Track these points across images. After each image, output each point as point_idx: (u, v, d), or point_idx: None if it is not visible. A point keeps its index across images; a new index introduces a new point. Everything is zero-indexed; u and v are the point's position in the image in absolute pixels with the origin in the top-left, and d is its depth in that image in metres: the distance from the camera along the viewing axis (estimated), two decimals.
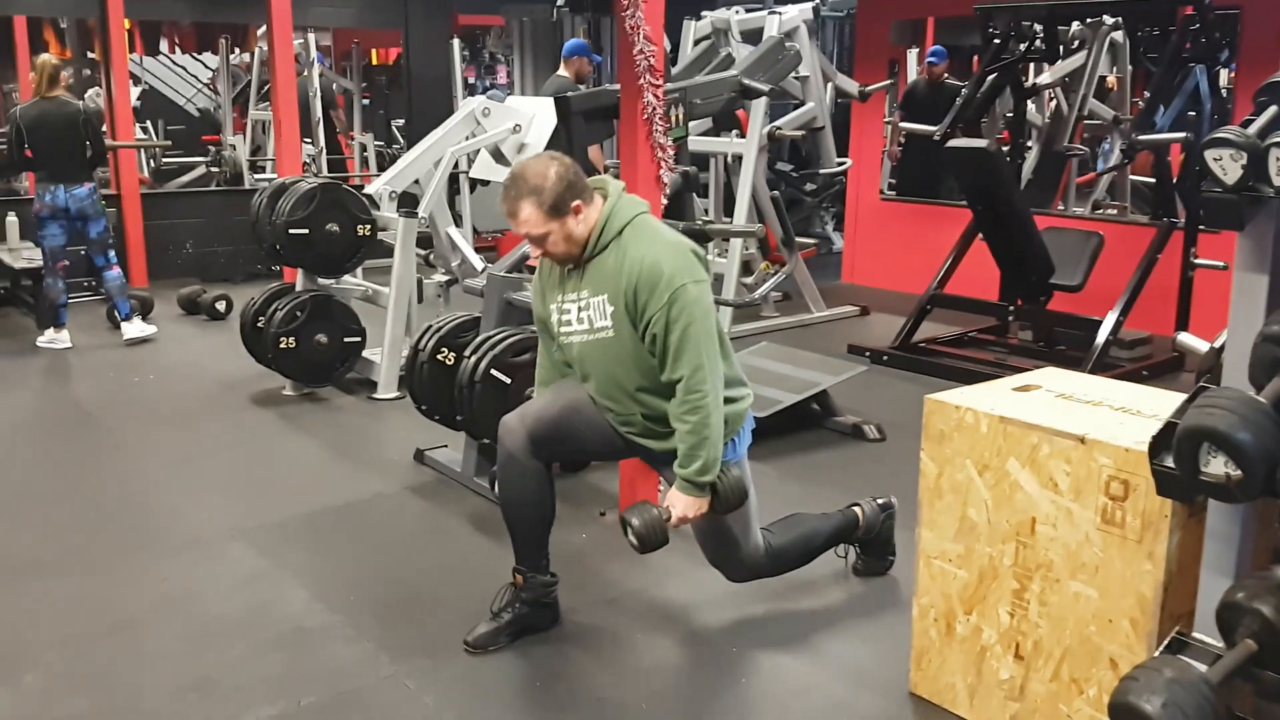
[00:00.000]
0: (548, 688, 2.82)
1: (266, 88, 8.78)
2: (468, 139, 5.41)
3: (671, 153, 3.62)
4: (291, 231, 5.03)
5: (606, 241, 2.71)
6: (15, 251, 6.93)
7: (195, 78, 11.73)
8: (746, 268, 7.01)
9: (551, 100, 5.10)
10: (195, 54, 11.62)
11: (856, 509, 3.30)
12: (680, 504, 2.72)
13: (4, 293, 7.33)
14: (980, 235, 5.88)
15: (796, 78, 6.72)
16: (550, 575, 3.00)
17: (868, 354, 5.96)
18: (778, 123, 6.84)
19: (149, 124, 10.92)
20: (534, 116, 5.37)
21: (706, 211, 6.92)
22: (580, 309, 2.76)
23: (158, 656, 2.92)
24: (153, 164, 10.37)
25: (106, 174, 8.08)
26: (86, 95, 9.26)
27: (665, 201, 3.68)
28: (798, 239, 7.05)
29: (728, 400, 2.76)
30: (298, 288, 5.35)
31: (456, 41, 8.58)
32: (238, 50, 10.67)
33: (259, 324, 5.24)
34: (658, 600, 3.27)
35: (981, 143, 5.49)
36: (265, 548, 3.59)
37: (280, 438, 4.81)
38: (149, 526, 3.81)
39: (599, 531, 3.74)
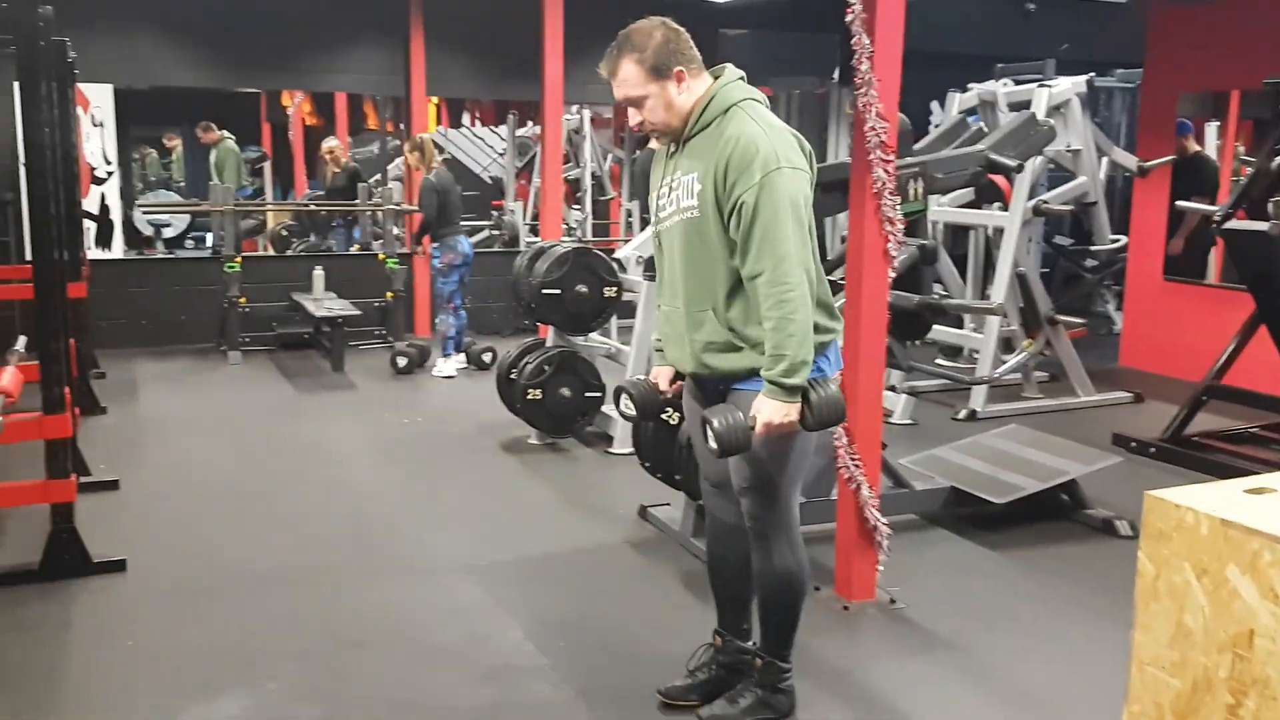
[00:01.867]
0: None
1: None
2: None
3: (902, 227, 3.60)
4: (545, 291, 5.38)
5: (710, 119, 2.54)
6: (319, 301, 7.78)
7: (491, 148, 12.74)
8: (1007, 344, 6.75)
9: None
10: (493, 127, 12.62)
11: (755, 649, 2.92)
12: (766, 409, 2.46)
13: (307, 337, 8.25)
14: (1264, 324, 5.37)
15: (1068, 150, 6.45)
16: (753, 646, 2.90)
17: (1133, 445, 5.57)
18: (1045, 196, 6.58)
19: None
20: None
21: (953, 285, 6.72)
22: (672, 189, 2.60)
23: (379, 675, 3.18)
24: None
25: (402, 234, 8.93)
26: (389, 166, 10.31)
27: (895, 274, 3.65)
28: (1066, 318, 6.69)
29: (816, 328, 2.52)
30: (548, 343, 5.70)
31: None
32: (530, 123, 11.51)
33: (512, 375, 5.62)
34: (861, 684, 3.19)
35: (1263, 226, 5.03)
36: (491, 585, 3.83)
37: (520, 482, 5.11)
38: (391, 553, 4.16)
39: (811, 607, 3.69)
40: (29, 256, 7.54)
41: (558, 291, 5.39)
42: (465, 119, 12.21)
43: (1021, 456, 4.73)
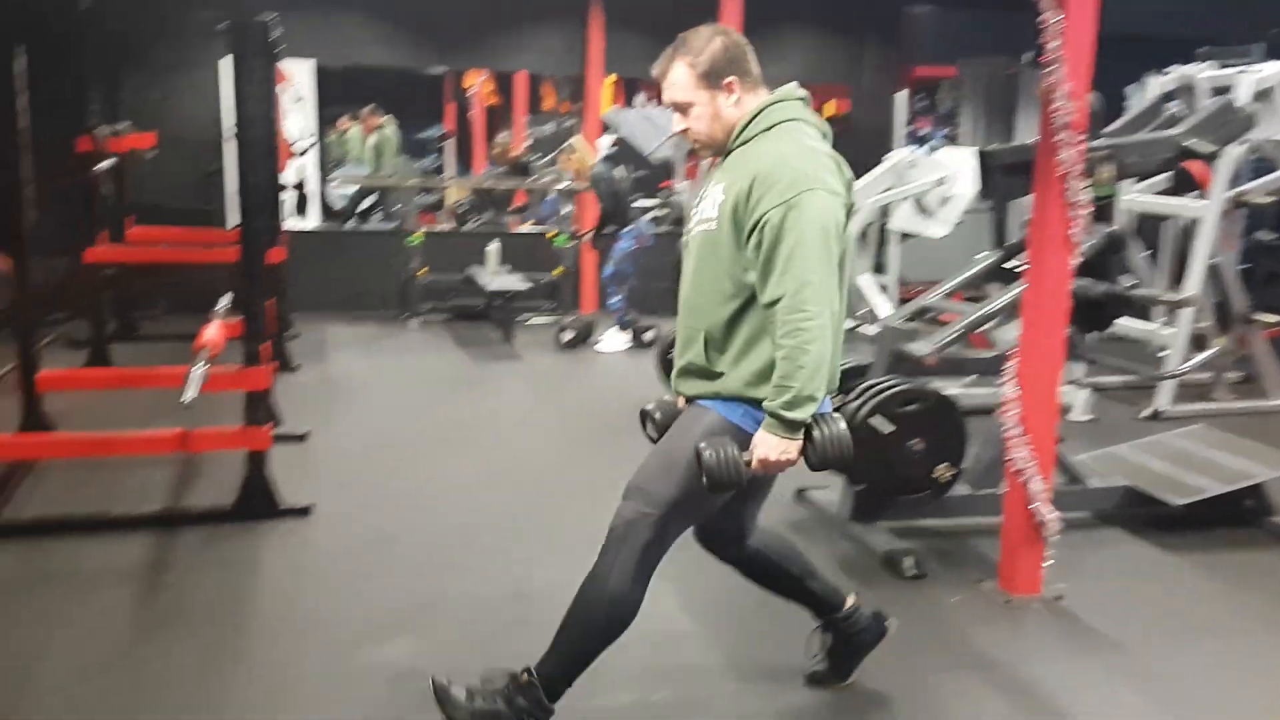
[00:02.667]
0: None
1: None
2: (889, 190, 5.47)
3: (1089, 212, 3.44)
4: None
5: (752, 134, 2.40)
6: (494, 275, 8.05)
7: (664, 129, 12.80)
8: (1200, 342, 6.36)
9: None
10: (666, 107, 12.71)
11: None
12: (764, 444, 2.31)
13: (480, 309, 8.55)
14: None
15: (1271, 141, 6.01)
16: (842, 602, 2.89)
17: None
18: (1247, 186, 6.15)
19: (619, 170, 12.11)
20: (961, 169, 5.32)
21: (1143, 276, 6.37)
22: (702, 199, 2.47)
23: (543, 633, 3.28)
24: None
25: (571, 213, 9.12)
26: (564, 145, 10.51)
27: (1080, 261, 3.51)
28: (1264, 317, 6.25)
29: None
30: None
31: (903, 94, 8.66)
32: None
33: (669, 354, 5.65)
34: (1019, 678, 3.11)
35: None
36: None
37: None
38: (553, 519, 4.29)
39: (973, 598, 3.63)
40: (231, 223, 8.17)
41: None
42: (639, 99, 12.30)
43: (1206, 458, 4.48)
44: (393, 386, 6.48)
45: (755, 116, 2.41)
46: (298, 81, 8.87)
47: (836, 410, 2.43)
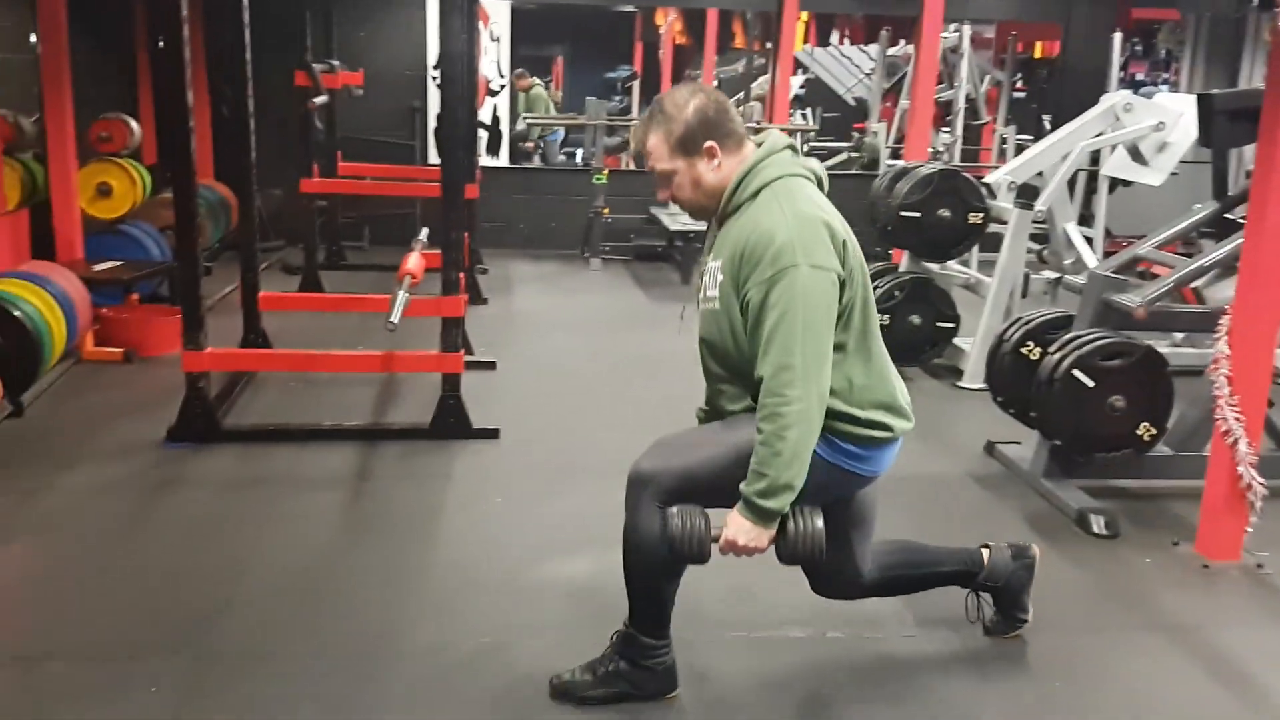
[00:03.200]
0: (1064, 680, 2.73)
1: None
2: (1102, 135, 5.17)
3: None
4: (903, 214, 5.24)
5: (740, 201, 2.29)
6: (674, 215, 8.06)
7: (859, 68, 12.47)
8: None
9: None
10: (862, 45, 12.32)
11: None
12: (733, 526, 2.23)
13: (661, 250, 8.61)
14: None
15: None
16: (980, 561, 2.81)
17: None
18: None
19: (808, 110, 11.89)
20: (1182, 115, 4.96)
21: None
22: (705, 275, 2.37)
23: (726, 566, 3.35)
24: (805, 147, 11.30)
25: None
26: (753, 85, 10.38)
27: None
28: None
29: (866, 423, 2.30)
30: (901, 269, 5.57)
31: (1118, 35, 8.10)
32: (902, 42, 11.14)
33: None
34: (1211, 644, 2.96)
35: None
36: None
37: None
38: None
39: (1167, 561, 3.47)
40: (430, 160, 8.50)
41: (917, 214, 5.23)
42: (834, 37, 12.00)
43: None
44: (574, 322, 6.64)
45: (741, 181, 2.29)
46: (496, 20, 9.07)
47: (1039, 360, 2.30)
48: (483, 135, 8.80)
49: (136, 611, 2.91)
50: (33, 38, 5.67)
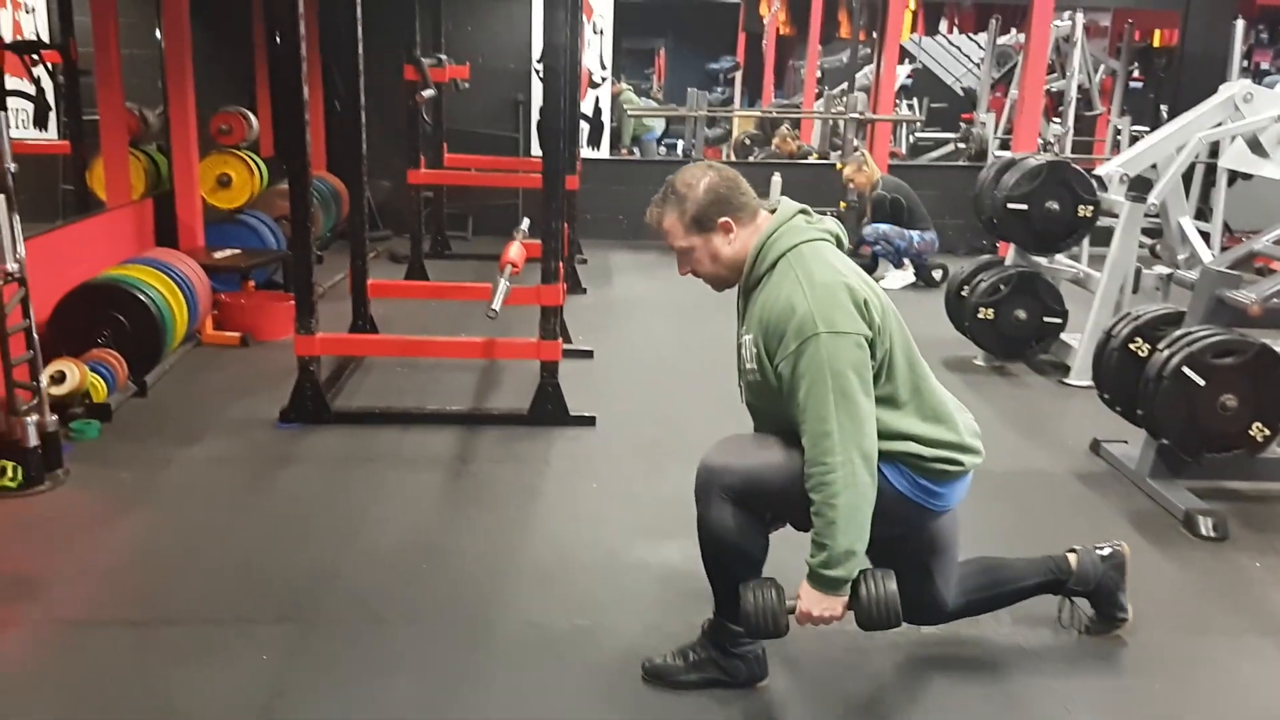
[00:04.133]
0: (1164, 680, 2.66)
1: None
2: (1220, 125, 4.98)
3: None
4: (1010, 206, 5.13)
5: (760, 273, 2.35)
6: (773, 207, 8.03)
7: (968, 57, 12.21)
8: None
9: None
10: (971, 34, 12.06)
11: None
12: (806, 599, 2.25)
13: None
14: None
15: None
16: (1069, 569, 2.78)
17: None
18: None
19: (915, 101, 11.70)
20: None
21: None
22: (743, 346, 2.43)
23: (797, 546, 3.34)
24: (911, 138, 11.13)
25: (862, 144, 8.91)
26: (857, 75, 10.24)
27: None
28: None
29: (934, 459, 2.32)
30: (1007, 262, 5.46)
31: (1240, 23, 7.77)
32: (1013, 30, 10.88)
33: (963, 292, 5.46)
34: None
35: None
36: None
37: (961, 400, 4.91)
38: None
39: (1278, 563, 3.34)
40: (532, 152, 8.63)
41: (1025, 207, 5.12)
42: (942, 26, 11.77)
43: None
44: (672, 312, 6.67)
45: (758, 254, 2.35)
46: (599, 13, 9.15)
47: (1147, 357, 2.23)
48: (584, 127, 8.90)
49: (248, 580, 3.05)
50: (157, 34, 5.94)
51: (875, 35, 9.32)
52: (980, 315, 5.28)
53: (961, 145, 9.92)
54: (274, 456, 4.00)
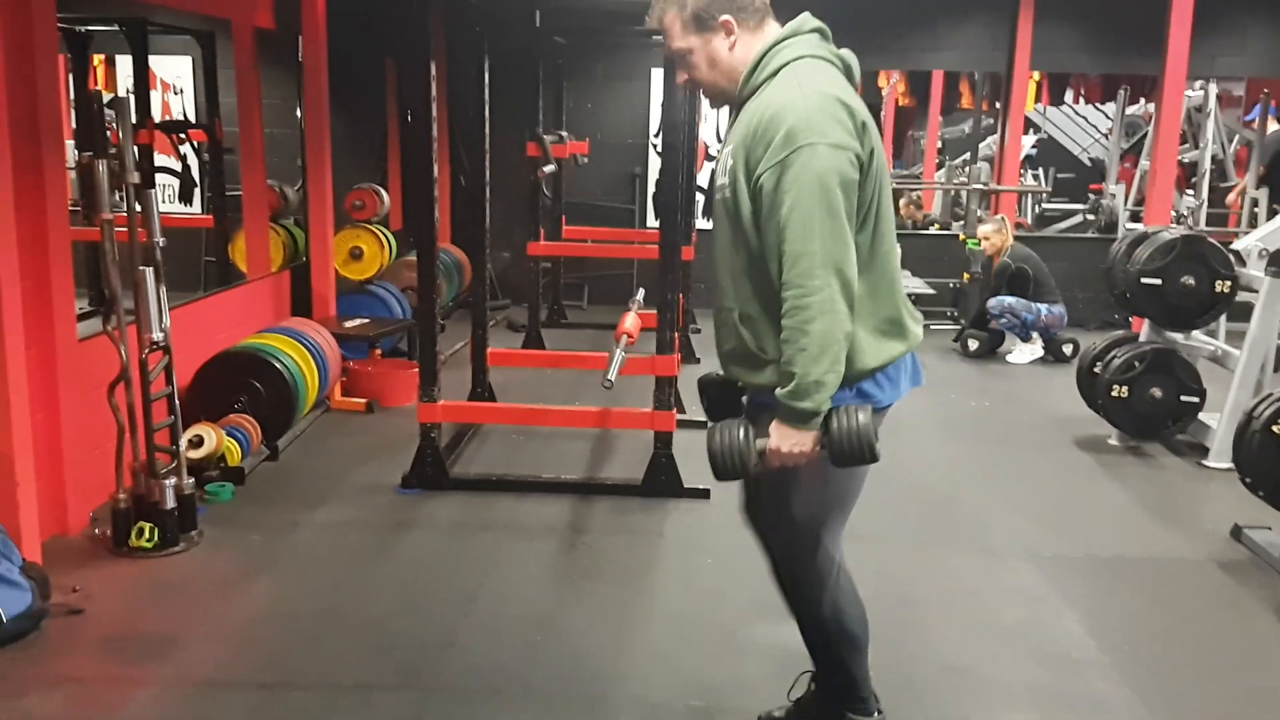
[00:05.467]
0: None
1: None
2: None
3: None
4: (1143, 280, 4.97)
5: (759, 80, 2.12)
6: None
7: (1095, 127, 11.94)
8: None
9: None
10: (1098, 104, 11.81)
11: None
12: (775, 434, 2.06)
13: None
14: None
15: None
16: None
17: None
18: None
19: (1040, 171, 11.48)
20: None
21: None
22: (719, 161, 2.20)
23: (933, 637, 3.24)
24: (1037, 209, 10.91)
25: (985, 214, 8.76)
26: (980, 145, 10.12)
27: None
28: None
29: (866, 349, 2.10)
30: (1141, 338, 5.26)
31: None
32: (1141, 100, 10.62)
33: (1095, 369, 5.28)
34: None
35: None
36: (1052, 575, 3.69)
37: (1093, 481, 4.81)
38: (949, 527, 4.18)
39: None
40: (647, 224, 8.75)
41: (1158, 281, 4.94)
42: (1068, 96, 11.56)
43: None
44: None
45: (760, 60, 2.13)
46: None
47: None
48: (699, 199, 8.99)
49: (369, 645, 3.10)
50: (297, 114, 6.27)
51: (999, 105, 9.22)
52: (1114, 393, 5.08)
53: (1090, 217, 9.68)
54: (395, 522, 4.09)
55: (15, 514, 3.41)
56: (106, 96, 6.91)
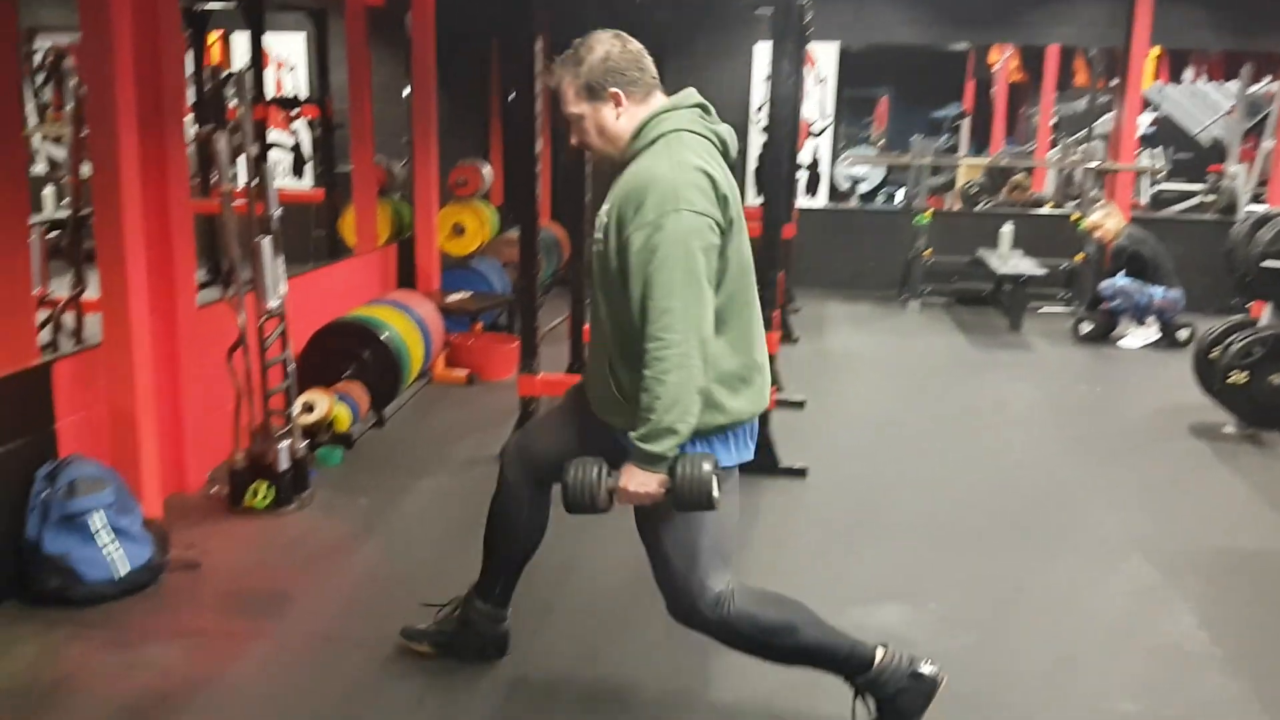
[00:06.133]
0: None
1: None
2: None
3: None
4: (1265, 264, 4.75)
5: (640, 148, 2.27)
6: (1004, 258, 7.74)
7: (1216, 106, 11.42)
8: None
9: None
10: (1220, 82, 11.31)
11: (879, 650, 2.46)
12: (625, 474, 2.21)
13: (986, 294, 8.27)
14: None
15: None
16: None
17: None
18: None
19: (1157, 151, 11.04)
20: None
21: None
22: (600, 217, 2.33)
23: (1037, 628, 3.17)
24: (1153, 190, 10.51)
25: (1100, 194, 8.47)
26: (1096, 123, 9.76)
27: None
28: None
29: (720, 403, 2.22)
30: (1262, 323, 5.03)
31: None
32: (1267, 78, 10.13)
33: (1211, 355, 5.08)
34: None
35: None
36: (1163, 567, 3.58)
37: (1207, 470, 4.64)
38: (1055, 517, 4.07)
39: None
40: (746, 201, 8.68)
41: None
42: (1188, 73, 11.08)
43: None
44: (887, 365, 6.53)
45: (641, 129, 2.29)
46: (821, 63, 9.16)
47: None
48: (801, 176, 8.89)
49: None
50: (405, 92, 6.39)
51: (1115, 83, 8.88)
52: (1231, 379, 4.88)
53: (1209, 198, 9.27)
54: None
55: (138, 471, 3.58)
56: (224, 73, 7.15)
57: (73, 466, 3.25)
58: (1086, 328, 7.13)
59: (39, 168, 8.39)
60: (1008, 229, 7.84)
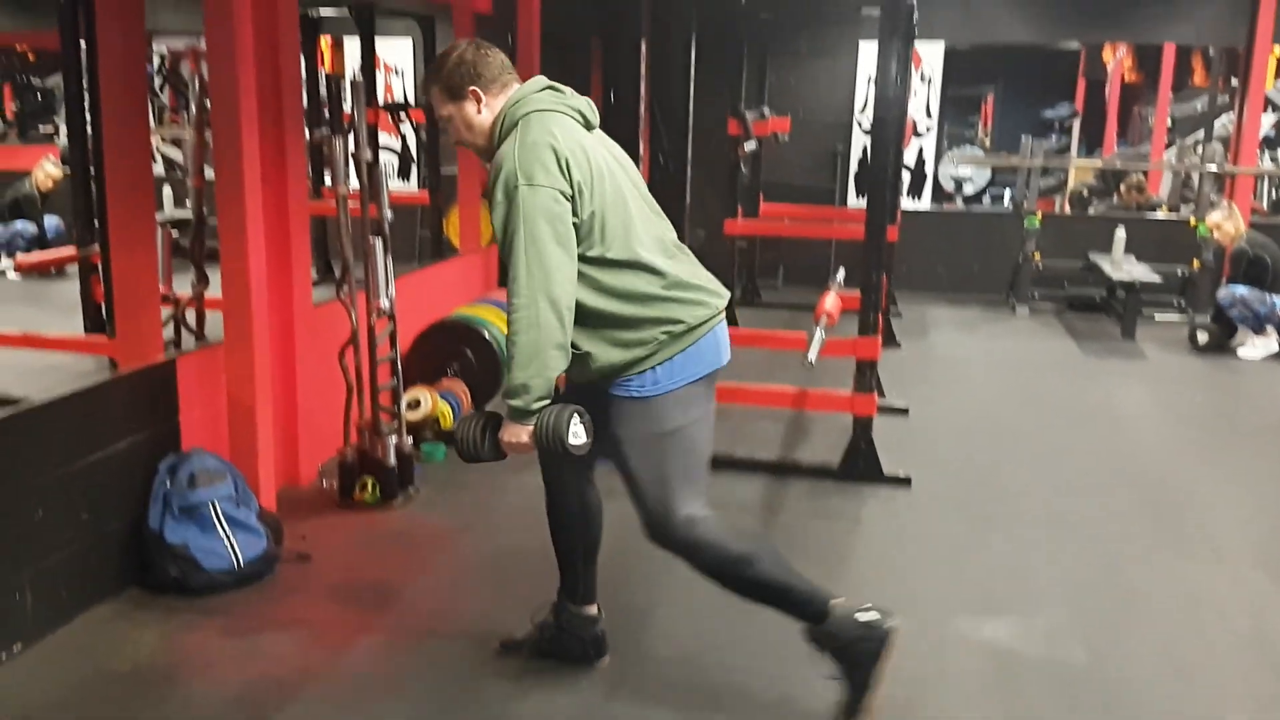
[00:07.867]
0: None
1: None
2: None
3: None
4: None
5: (502, 135, 2.47)
6: (1117, 264, 7.49)
7: None
8: None
9: None
10: None
11: (836, 601, 2.53)
12: (504, 427, 2.44)
13: (1099, 300, 8.02)
14: None
15: None
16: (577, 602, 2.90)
17: None
18: None
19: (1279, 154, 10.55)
20: None
21: None
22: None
23: (1152, 636, 3.08)
24: (1275, 195, 10.07)
25: (1219, 199, 8.14)
26: (1215, 124, 9.37)
27: None
28: None
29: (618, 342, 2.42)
30: None
31: None
32: None
33: None
34: None
35: None
36: None
37: None
38: (1172, 525, 3.96)
39: None
40: (848, 203, 8.58)
41: None
42: None
43: None
44: (994, 371, 6.38)
45: (501, 120, 2.49)
46: (927, 62, 8.99)
47: None
48: (904, 177, 8.74)
49: None
50: None
51: (1236, 83, 8.53)
52: None
53: None
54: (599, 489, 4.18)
55: (255, 464, 3.71)
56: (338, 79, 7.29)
57: (194, 459, 3.38)
58: (1204, 337, 6.87)
59: (157, 169, 8.76)
60: (1120, 234, 7.58)
